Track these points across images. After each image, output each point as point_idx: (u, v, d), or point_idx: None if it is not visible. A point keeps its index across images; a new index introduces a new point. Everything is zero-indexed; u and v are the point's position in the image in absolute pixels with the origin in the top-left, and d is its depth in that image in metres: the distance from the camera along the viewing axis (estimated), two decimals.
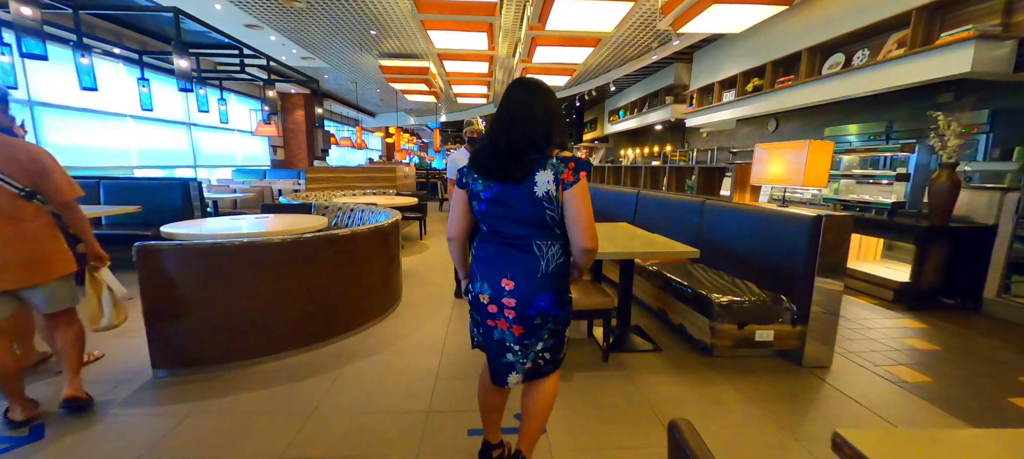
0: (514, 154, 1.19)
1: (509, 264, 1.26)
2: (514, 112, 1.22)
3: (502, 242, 1.28)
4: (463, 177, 1.34)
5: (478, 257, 1.34)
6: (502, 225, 1.27)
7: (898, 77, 3.80)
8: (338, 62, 9.30)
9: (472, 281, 1.37)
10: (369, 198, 5.39)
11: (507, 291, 1.26)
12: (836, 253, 2.34)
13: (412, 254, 5.26)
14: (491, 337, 1.35)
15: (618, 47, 7.14)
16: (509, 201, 1.22)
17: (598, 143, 14.93)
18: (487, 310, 1.32)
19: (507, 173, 1.20)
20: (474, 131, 3.52)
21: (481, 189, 1.26)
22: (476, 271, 1.34)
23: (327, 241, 2.56)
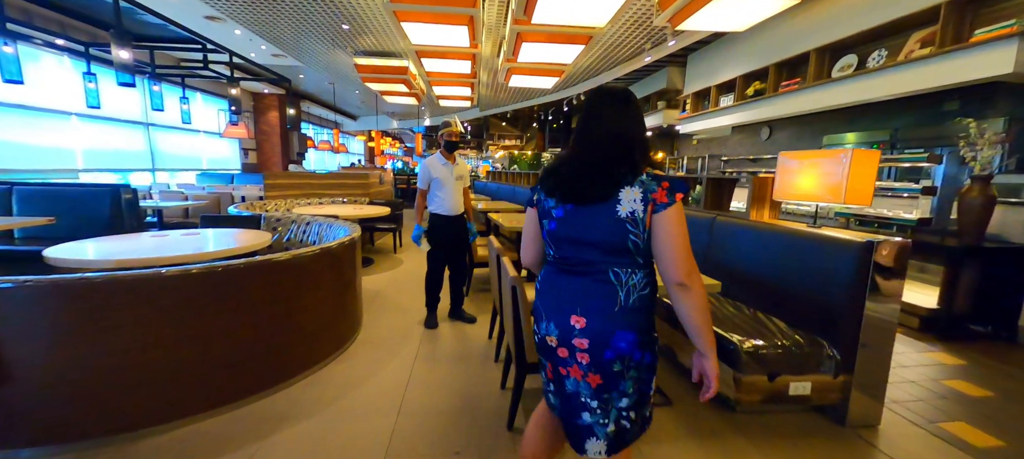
0: (604, 171, 1.05)
1: (580, 297, 1.08)
2: (608, 125, 1.07)
3: (572, 271, 1.10)
4: (533, 194, 1.20)
5: (542, 291, 1.16)
6: (573, 250, 1.10)
7: (924, 79, 3.43)
8: (312, 60, 8.70)
9: (536, 320, 1.18)
10: (334, 208, 4.82)
11: (578, 330, 1.07)
12: (891, 287, 1.89)
13: (383, 270, 4.70)
14: (563, 388, 1.15)
15: (609, 48, 6.73)
16: (585, 222, 1.07)
17: None
18: (557, 354, 1.13)
19: (590, 192, 1.05)
20: (452, 133, 3.01)
21: (553, 206, 1.12)
22: (540, 306, 1.16)
23: (252, 271, 2.01)
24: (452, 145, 3.06)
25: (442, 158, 3.06)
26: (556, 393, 1.17)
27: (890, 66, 3.70)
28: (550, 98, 10.45)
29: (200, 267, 1.86)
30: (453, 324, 3.18)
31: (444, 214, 3.06)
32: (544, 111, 14.21)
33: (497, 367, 2.50)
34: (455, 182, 3.09)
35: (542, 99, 10.75)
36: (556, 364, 1.14)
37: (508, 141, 17.96)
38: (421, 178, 3.05)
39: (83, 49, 6.35)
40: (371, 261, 5.04)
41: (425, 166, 3.04)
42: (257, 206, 4.70)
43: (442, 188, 3.03)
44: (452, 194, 3.07)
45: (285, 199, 5.17)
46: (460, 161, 3.17)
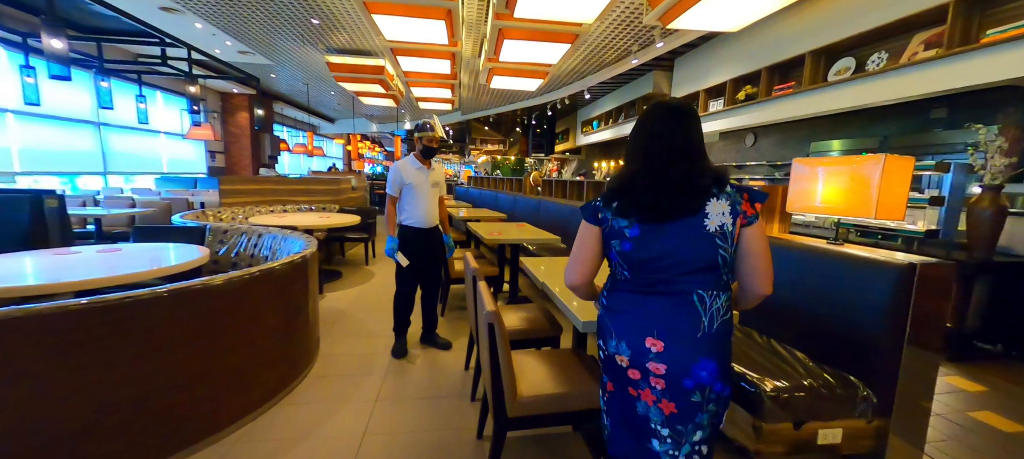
0: (689, 184, 0.99)
1: (658, 318, 1.03)
2: (679, 138, 1.01)
3: (650, 290, 1.05)
4: (597, 212, 1.10)
5: (612, 308, 1.12)
6: (653, 270, 1.04)
7: (931, 83, 3.24)
8: (282, 58, 8.20)
9: (604, 337, 1.14)
10: (297, 217, 4.38)
11: (653, 354, 1.03)
12: (935, 317, 1.61)
13: (352, 285, 4.27)
14: (632, 412, 1.10)
15: (595, 49, 6.48)
16: (668, 240, 1.01)
17: (570, 155, 14.36)
18: (627, 376, 1.08)
19: (674, 208, 0.99)
20: (432, 138, 2.65)
21: (626, 226, 1.05)
22: (609, 325, 1.12)
23: (167, 302, 1.60)
24: (430, 150, 2.71)
25: (416, 161, 2.70)
26: (621, 415, 1.12)
27: (891, 69, 3.52)
28: (534, 102, 10.17)
29: (89, 300, 1.45)
30: (425, 351, 2.80)
31: (417, 226, 2.70)
32: (528, 115, 13.94)
33: (474, 408, 2.14)
34: (430, 189, 2.73)
35: (526, 102, 10.46)
36: (624, 384, 1.09)
37: (491, 146, 17.63)
38: (391, 183, 2.67)
39: (21, 40, 5.74)
40: (339, 274, 4.61)
41: (396, 170, 2.67)
42: (210, 215, 4.22)
43: (415, 195, 2.67)
44: (426, 202, 2.71)
45: (244, 207, 4.70)
46: (437, 165, 2.82)
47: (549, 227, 4.68)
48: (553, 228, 4.59)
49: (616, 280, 1.13)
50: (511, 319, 2.27)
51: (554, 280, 2.03)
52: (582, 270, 1.15)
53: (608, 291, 1.14)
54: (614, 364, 1.10)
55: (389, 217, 2.70)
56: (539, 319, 2.28)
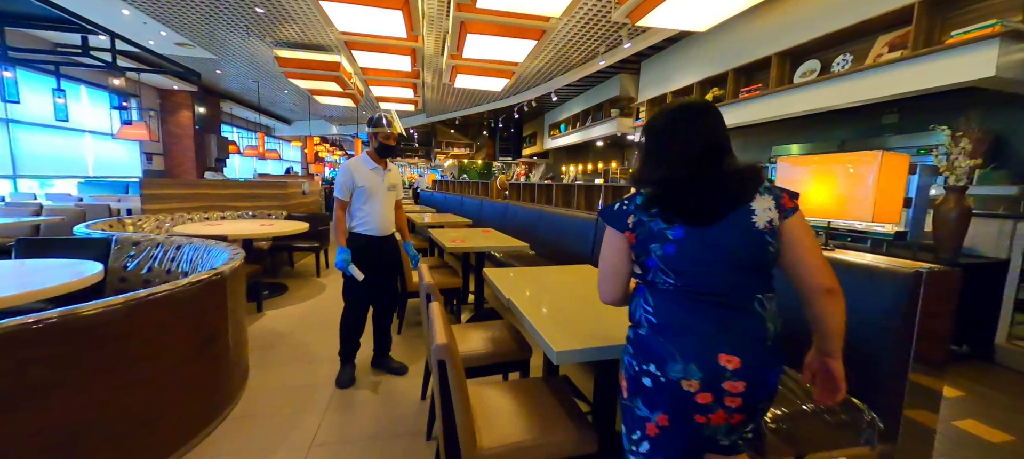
0: (733, 180, 0.94)
1: (727, 332, 0.92)
2: (709, 136, 0.96)
3: (703, 300, 0.94)
4: (627, 216, 1.00)
5: (663, 325, 0.96)
6: (702, 275, 0.94)
7: (897, 84, 3.24)
8: (228, 52, 7.55)
9: (655, 361, 0.95)
10: (234, 225, 3.89)
11: (730, 372, 0.91)
12: (940, 330, 1.46)
13: (298, 300, 3.82)
14: (697, 440, 0.97)
15: (561, 49, 6.32)
16: (716, 240, 0.93)
17: (537, 159, 14.25)
18: (694, 402, 0.93)
19: (722, 206, 0.93)
20: (389, 135, 2.32)
21: (665, 228, 0.95)
22: (666, 346, 0.94)
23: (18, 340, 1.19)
24: (387, 150, 2.37)
25: (370, 161, 2.36)
26: (681, 450, 0.98)
27: (857, 71, 3.51)
28: (500, 104, 9.94)
29: None
30: (376, 377, 2.45)
31: (371, 234, 2.35)
32: (495, 118, 13.71)
33: (429, 449, 1.82)
34: (386, 193, 2.40)
35: (492, 105, 10.21)
36: (689, 413, 0.95)
37: (457, 150, 17.26)
38: (340, 186, 2.31)
39: None
40: (284, 289, 4.14)
41: (346, 170, 2.31)
42: (129, 224, 3.67)
43: (370, 200, 2.33)
44: (382, 208, 2.37)
45: (174, 214, 4.15)
46: (393, 167, 2.49)
47: (517, 232, 4.42)
48: (521, 234, 4.33)
49: (657, 290, 0.99)
50: (473, 340, 1.97)
51: (521, 295, 1.76)
52: (618, 283, 1.06)
53: (648, 305, 1.00)
54: (676, 392, 0.94)
55: (338, 225, 2.33)
56: (505, 340, 1.99)
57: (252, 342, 2.83)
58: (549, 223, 4.04)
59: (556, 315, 1.57)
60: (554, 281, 2.07)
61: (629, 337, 1.04)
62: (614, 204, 1.05)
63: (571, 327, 1.44)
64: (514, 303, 1.66)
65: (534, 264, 3.62)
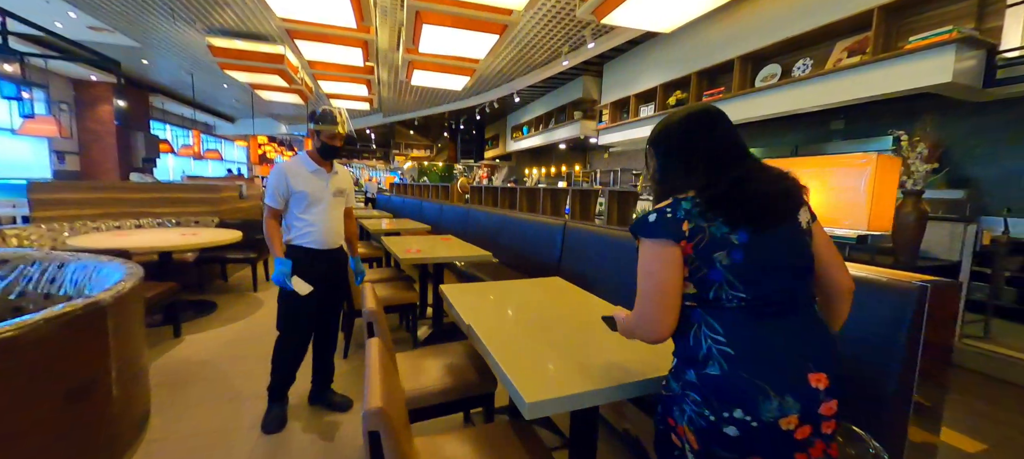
0: (785, 179, 0.91)
1: (808, 346, 0.85)
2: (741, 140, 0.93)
3: (776, 314, 0.85)
4: (681, 223, 0.85)
5: (740, 356, 0.81)
6: (771, 283, 0.85)
7: (856, 89, 3.26)
8: (153, 39, 6.75)
9: (742, 403, 0.79)
10: (146, 236, 3.35)
11: (822, 393, 0.82)
12: (944, 348, 1.34)
13: (228, 320, 3.33)
14: None
15: (524, 48, 6.11)
16: (777, 244, 0.87)
17: (500, 161, 14.03)
18: (794, 441, 0.81)
19: (785, 207, 0.89)
20: (334, 134, 1.97)
21: (729, 233, 0.85)
22: (744, 386, 0.80)
23: None
24: (331, 150, 2.01)
25: (310, 162, 2.00)
26: None
27: (817, 75, 3.54)
28: (462, 104, 9.62)
29: None
30: (315, 416, 2.08)
31: (314, 247, 1.99)
32: (455, 119, 13.34)
33: None
34: (332, 199, 2.04)
35: (453, 105, 9.87)
36: (788, 455, 0.81)
37: (417, 151, 16.71)
38: (271, 191, 1.94)
39: None
40: (212, 307, 3.62)
41: (280, 173, 1.94)
42: (8, 234, 3.04)
43: (311, 207, 1.98)
44: (327, 216, 2.02)
45: (70, 222, 3.52)
46: (341, 169, 2.15)
47: (479, 239, 4.13)
48: (483, 240, 4.05)
49: (723, 310, 0.85)
50: (428, 372, 1.68)
51: (485, 319, 1.48)
52: (676, 305, 0.87)
53: (715, 333, 0.85)
54: (775, 436, 0.80)
55: (271, 237, 1.96)
56: (466, 369, 1.71)
57: (163, 377, 2.37)
58: (514, 229, 3.79)
59: (526, 347, 1.31)
60: (522, 298, 1.82)
61: (689, 381, 0.86)
62: (650, 214, 0.89)
63: (545, 362, 1.19)
64: (476, 332, 1.38)
65: (499, 274, 3.35)
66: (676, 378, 0.90)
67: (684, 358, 0.89)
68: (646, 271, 0.88)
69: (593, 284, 2.66)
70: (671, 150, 0.96)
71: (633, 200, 2.84)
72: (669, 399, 0.92)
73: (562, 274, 3.04)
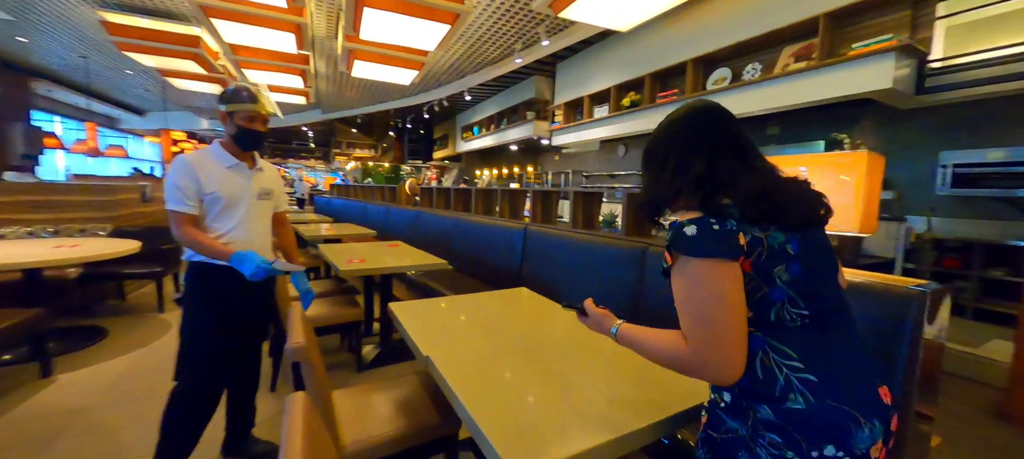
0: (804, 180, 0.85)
1: (867, 357, 0.79)
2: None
3: (835, 325, 0.77)
4: (736, 234, 0.74)
5: (824, 383, 0.71)
6: (826, 295, 0.78)
7: (803, 93, 3.36)
8: (30, 12, 5.64)
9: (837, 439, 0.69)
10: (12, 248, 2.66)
11: (891, 408, 0.77)
12: (937, 356, 1.28)
13: (121, 351, 2.72)
14: None
15: (476, 43, 5.85)
16: (821, 249, 0.81)
17: (450, 162, 13.62)
18: None
19: (822, 206, 0.82)
20: (253, 114, 1.56)
21: (784, 242, 0.76)
22: (837, 417, 0.70)
23: None
24: (252, 137, 1.58)
25: (226, 154, 1.57)
26: None
27: (766, 79, 3.63)
28: (409, 102, 9.15)
29: None
30: None
31: (226, 265, 1.51)
32: (402, 117, 12.74)
33: None
34: (255, 203, 1.62)
35: (400, 102, 9.36)
36: None
37: (361, 151, 15.80)
38: (178, 192, 1.47)
39: None
40: (100, 335, 2.97)
41: (184, 168, 1.49)
42: None
43: (228, 213, 1.55)
44: (248, 225, 1.59)
45: None
46: (267, 165, 1.72)
47: (431, 244, 3.81)
48: (436, 246, 3.73)
49: (789, 332, 0.75)
50: (376, 411, 1.37)
51: (445, 346, 1.21)
52: (737, 344, 0.72)
53: (790, 359, 0.73)
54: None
55: (202, 244, 1.48)
56: (422, 405, 1.42)
57: (17, 435, 1.82)
58: (470, 233, 3.51)
59: (501, 383, 1.06)
60: (487, 316, 1.56)
61: (765, 420, 0.73)
62: (686, 225, 0.75)
63: (525, 403, 0.95)
64: (438, 368, 1.11)
65: (455, 283, 3.06)
66: (737, 417, 0.77)
67: (751, 394, 0.75)
68: (711, 294, 0.72)
69: (559, 291, 2.47)
70: (689, 141, 0.84)
71: (598, 202, 2.69)
72: (731, 443, 0.78)
73: (524, 281, 2.81)
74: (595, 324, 0.95)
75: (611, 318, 0.93)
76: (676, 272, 0.76)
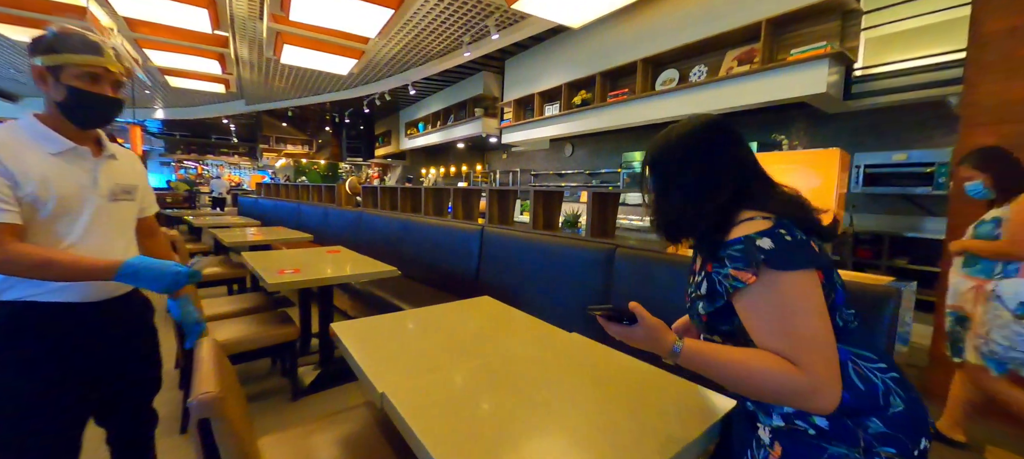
0: None
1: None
2: None
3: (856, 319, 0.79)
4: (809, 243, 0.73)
5: (901, 377, 0.72)
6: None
7: (746, 96, 3.50)
8: None
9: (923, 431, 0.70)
10: None
11: None
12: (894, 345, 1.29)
13: None
14: None
15: (422, 35, 5.53)
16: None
17: (393, 160, 13.01)
18: None
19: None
20: (90, 70, 1.00)
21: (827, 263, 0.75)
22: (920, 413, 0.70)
23: None
24: (92, 106, 1.03)
25: (49, 133, 1.02)
26: None
27: (711, 81, 3.75)
28: (348, 94, 8.53)
29: None
30: None
31: (63, 301, 1.03)
32: (340, 112, 11.92)
33: None
34: (106, 207, 1.09)
35: (337, 94, 8.70)
36: None
37: (293, 147, 14.61)
38: None
39: None
40: None
41: None
42: None
43: (63, 224, 1.02)
44: (98, 237, 1.07)
45: None
46: (122, 152, 1.20)
47: (376, 249, 3.50)
48: (382, 251, 3.43)
49: (853, 334, 0.73)
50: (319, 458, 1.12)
51: (404, 378, 0.99)
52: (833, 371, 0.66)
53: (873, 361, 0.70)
54: None
55: (43, 265, 0.94)
56: (373, 445, 1.19)
57: None
58: (421, 235, 3.25)
59: (475, 419, 0.87)
60: (448, 332, 1.35)
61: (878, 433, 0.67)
62: (760, 237, 0.70)
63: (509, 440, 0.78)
64: (397, 408, 0.89)
65: (405, 292, 2.80)
66: (842, 440, 0.68)
67: (856, 409, 0.68)
68: (813, 308, 0.67)
69: (522, 298, 2.31)
70: (719, 159, 0.81)
71: (559, 201, 2.57)
72: None
73: (483, 287, 2.63)
74: (648, 338, 0.76)
75: (667, 331, 0.77)
76: (760, 290, 0.69)
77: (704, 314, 0.81)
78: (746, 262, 0.69)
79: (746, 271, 0.69)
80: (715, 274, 0.76)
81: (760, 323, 0.69)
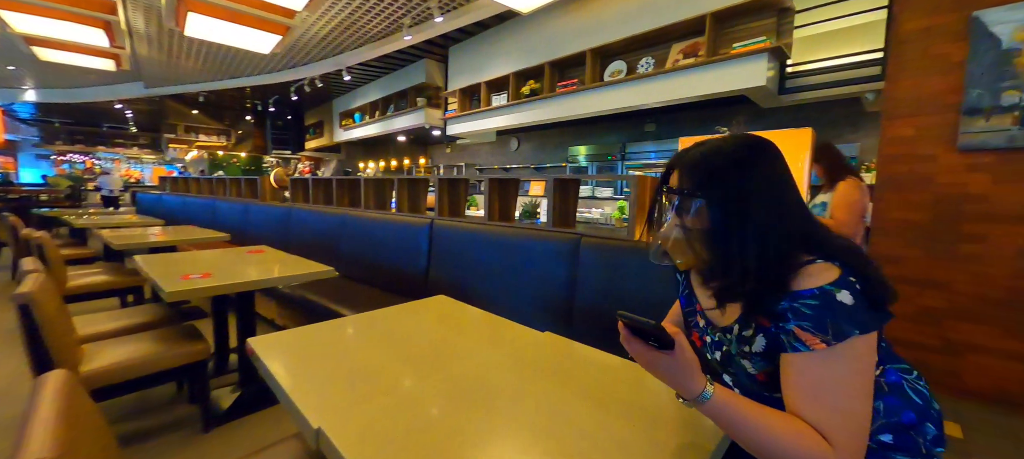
0: None
1: None
2: None
3: None
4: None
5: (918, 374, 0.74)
6: None
7: (692, 88, 3.57)
8: None
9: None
10: None
11: None
12: None
13: None
14: None
15: (357, 14, 5.08)
16: None
17: (327, 153, 12.10)
18: None
19: None
20: None
21: None
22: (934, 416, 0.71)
23: None
24: None
25: None
26: None
27: (659, 73, 3.79)
28: (272, 79, 7.70)
29: None
30: None
31: None
32: (263, 99, 10.81)
33: None
34: None
35: (259, 78, 7.82)
36: None
37: (207, 138, 13.04)
38: None
39: None
40: None
41: None
42: None
43: None
44: None
45: None
46: None
47: (309, 248, 3.11)
48: (316, 250, 3.05)
49: (884, 349, 0.72)
50: None
51: (343, 404, 0.76)
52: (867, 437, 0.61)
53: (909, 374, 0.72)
54: None
55: None
56: None
57: None
58: (361, 231, 2.92)
59: (446, 452, 0.67)
60: (400, 341, 1.12)
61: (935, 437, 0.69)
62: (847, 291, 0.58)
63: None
64: (333, 442, 0.67)
65: (346, 296, 2.48)
66: (907, 451, 0.67)
67: (915, 421, 0.68)
68: (869, 379, 0.61)
69: (478, 296, 2.12)
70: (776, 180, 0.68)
71: (515, 190, 2.41)
72: None
73: (434, 286, 2.39)
74: (678, 372, 0.60)
75: (700, 371, 0.61)
76: (822, 358, 0.58)
77: (759, 373, 0.68)
78: (817, 324, 0.58)
79: (815, 335, 0.58)
80: (775, 329, 0.62)
81: (805, 390, 0.59)
